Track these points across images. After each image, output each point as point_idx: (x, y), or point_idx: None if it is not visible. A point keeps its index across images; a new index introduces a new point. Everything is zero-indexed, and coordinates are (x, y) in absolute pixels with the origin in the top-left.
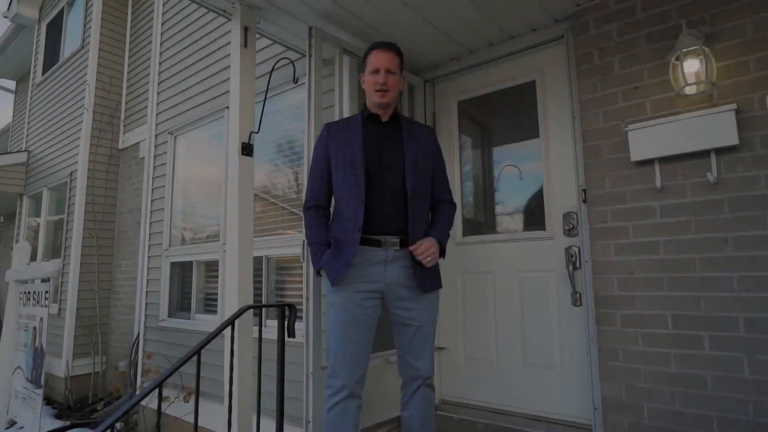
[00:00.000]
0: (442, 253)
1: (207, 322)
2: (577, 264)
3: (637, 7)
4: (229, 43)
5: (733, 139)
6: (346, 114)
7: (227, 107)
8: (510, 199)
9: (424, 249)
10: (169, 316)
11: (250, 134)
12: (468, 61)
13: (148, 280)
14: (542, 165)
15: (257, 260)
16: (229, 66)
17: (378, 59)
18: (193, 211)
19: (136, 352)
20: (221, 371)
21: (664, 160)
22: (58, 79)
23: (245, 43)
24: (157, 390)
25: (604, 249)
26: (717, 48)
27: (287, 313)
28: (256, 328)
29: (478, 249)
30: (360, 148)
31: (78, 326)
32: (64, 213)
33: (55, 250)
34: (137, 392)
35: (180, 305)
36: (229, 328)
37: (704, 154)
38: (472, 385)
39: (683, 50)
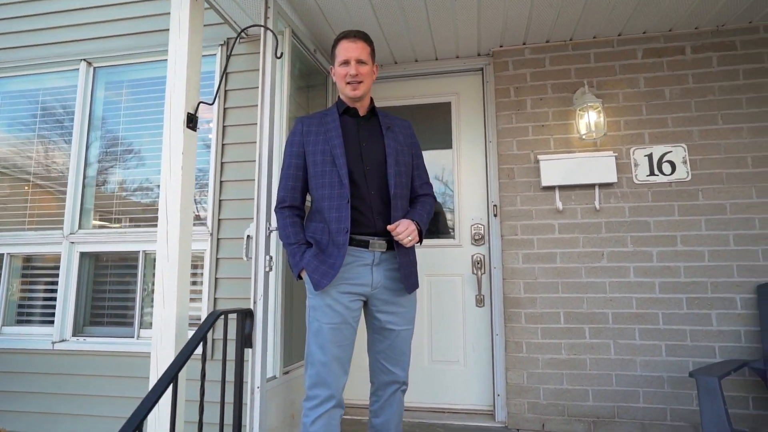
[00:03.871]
0: (420, 238)
1: (26, 338)
2: (483, 270)
3: (546, 60)
4: None
5: (612, 178)
6: (285, 97)
7: (84, 59)
8: None
9: (404, 228)
10: None
11: (198, 104)
12: (391, 71)
13: None
14: (454, 183)
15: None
16: (101, 5)
17: (346, 49)
18: (7, 190)
19: None
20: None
21: (563, 187)
22: None
23: None
24: None
25: (513, 257)
26: (605, 107)
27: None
28: None
29: None
30: (340, 144)
31: None
32: None
33: None
34: None
35: None
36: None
37: (591, 186)
38: None
39: (589, 103)
